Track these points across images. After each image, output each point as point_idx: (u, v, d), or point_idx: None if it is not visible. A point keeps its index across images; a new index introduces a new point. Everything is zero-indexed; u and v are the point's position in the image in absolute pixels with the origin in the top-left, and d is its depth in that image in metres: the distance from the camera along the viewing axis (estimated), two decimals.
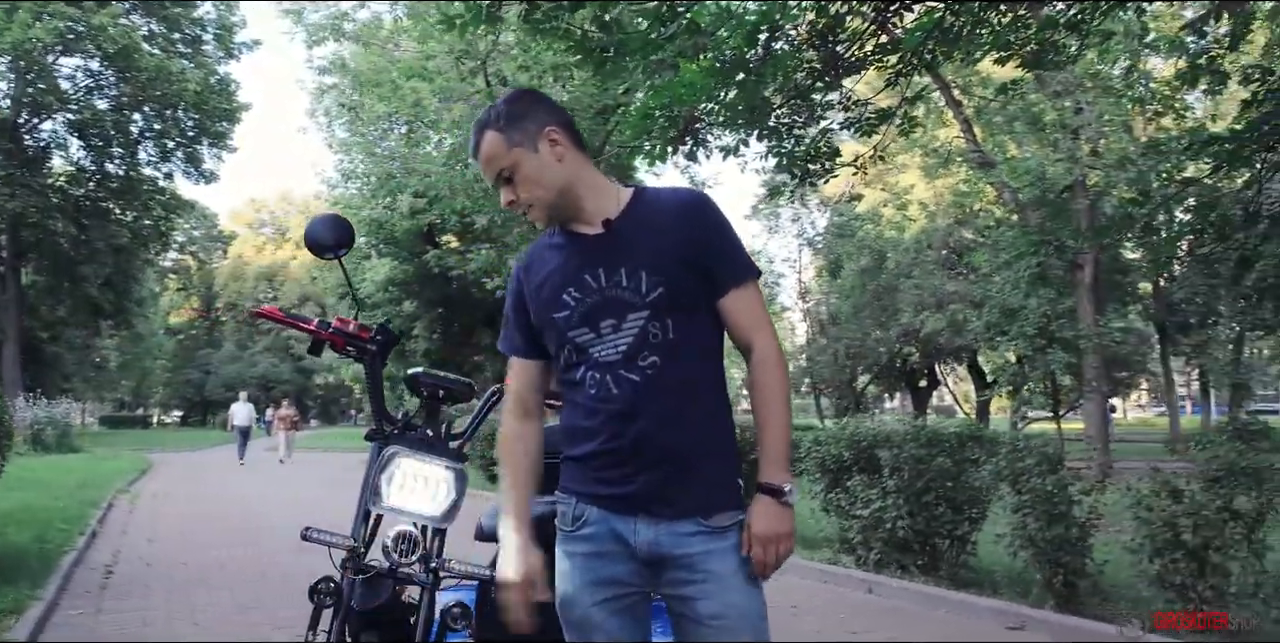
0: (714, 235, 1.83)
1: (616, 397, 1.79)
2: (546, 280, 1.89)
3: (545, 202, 1.83)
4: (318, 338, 2.22)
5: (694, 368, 1.81)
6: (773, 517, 1.75)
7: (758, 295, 1.88)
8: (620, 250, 1.81)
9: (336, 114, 18.30)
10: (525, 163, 1.81)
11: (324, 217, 2.27)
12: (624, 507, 1.81)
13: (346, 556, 2.08)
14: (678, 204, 1.86)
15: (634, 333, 1.79)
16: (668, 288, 1.77)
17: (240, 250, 61.29)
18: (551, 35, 4.95)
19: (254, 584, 6.40)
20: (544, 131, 1.83)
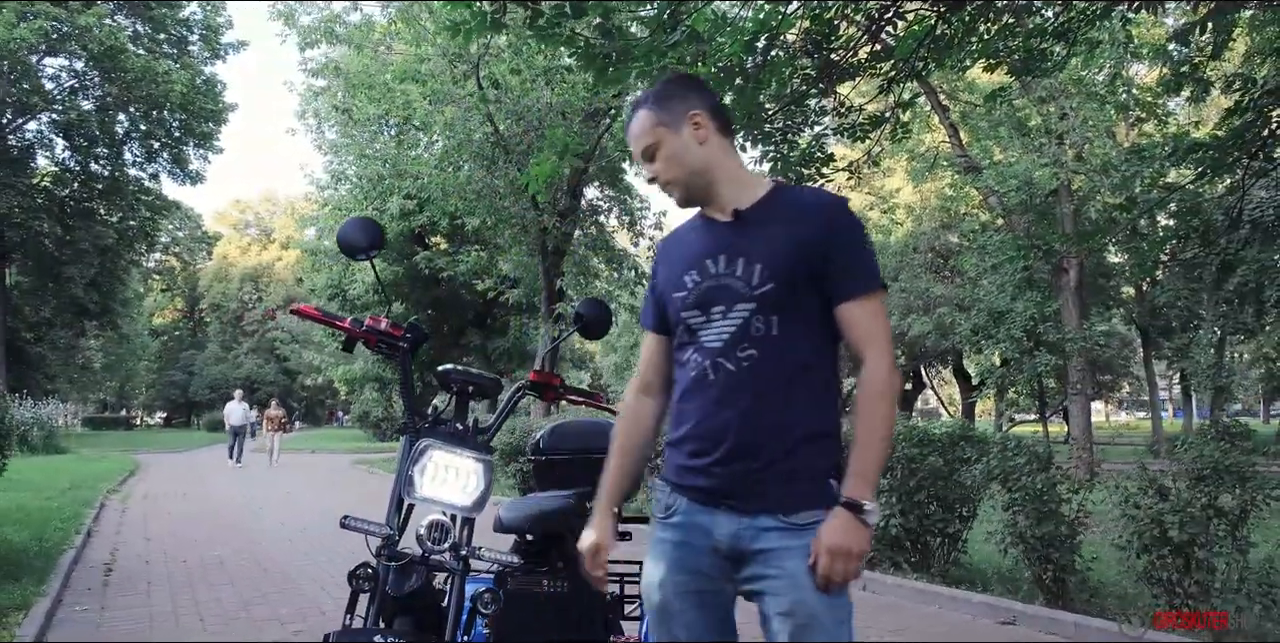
0: (840, 241, 1.83)
1: (713, 383, 1.84)
2: (676, 261, 1.96)
3: (680, 181, 1.90)
4: (352, 335, 2.31)
5: (792, 367, 1.81)
6: (846, 531, 1.73)
7: (878, 309, 1.85)
8: (743, 240, 1.86)
9: (327, 116, 18.32)
10: (667, 142, 1.88)
11: (356, 219, 2.36)
12: (708, 499, 1.84)
13: (382, 543, 2.17)
14: (812, 204, 1.88)
15: (738, 323, 1.82)
16: (778, 284, 1.80)
17: (225, 251, 60.97)
18: (555, 41, 5.04)
19: (255, 580, 6.46)
20: (689, 114, 1.88)
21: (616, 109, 14.21)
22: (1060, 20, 6.90)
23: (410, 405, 2.33)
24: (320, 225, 21.49)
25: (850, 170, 7.00)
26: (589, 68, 5.05)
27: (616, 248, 17.12)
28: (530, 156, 13.88)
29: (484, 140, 14.16)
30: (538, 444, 3.32)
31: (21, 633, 4.59)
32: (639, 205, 16.63)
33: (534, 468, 3.32)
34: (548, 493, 3.04)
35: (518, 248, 15.80)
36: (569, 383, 2.75)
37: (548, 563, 2.87)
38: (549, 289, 15.73)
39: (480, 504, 2.21)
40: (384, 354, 2.35)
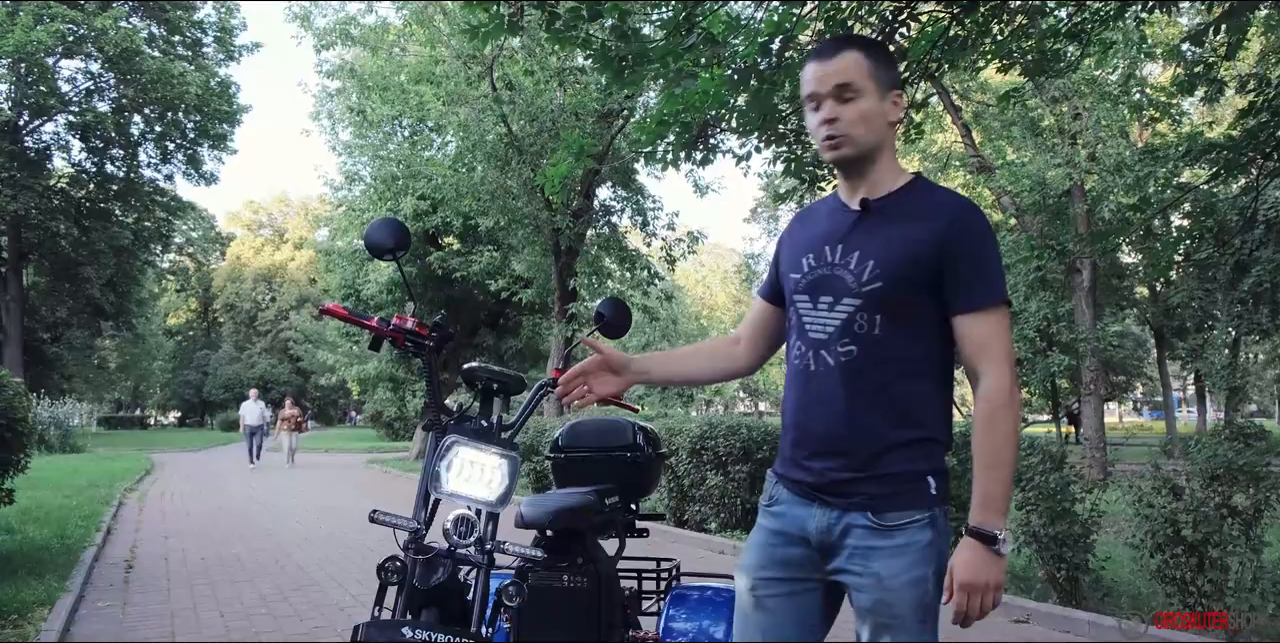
0: (963, 249, 1.75)
1: (813, 375, 1.82)
2: (800, 240, 1.94)
3: (858, 141, 1.79)
4: (379, 334, 2.36)
5: (893, 368, 1.76)
6: (981, 565, 1.67)
7: (999, 325, 1.75)
8: (863, 233, 1.81)
9: (341, 117, 18.42)
10: (870, 98, 1.78)
11: (382, 221, 2.41)
12: (804, 491, 1.83)
13: (409, 537, 2.21)
14: (939, 205, 1.80)
15: (843, 317, 1.79)
16: (886, 283, 1.75)
17: (238, 252, 61.28)
18: (571, 44, 5.09)
19: (273, 577, 6.53)
20: (895, 91, 1.83)
21: (629, 110, 14.25)
22: (1074, 21, 6.92)
23: (437, 402, 2.37)
24: (334, 226, 21.59)
25: None
26: (605, 70, 5.10)
27: (629, 248, 17.15)
28: (543, 157, 13.98)
29: (497, 141, 14.23)
30: (556, 442, 3.38)
31: (46, 628, 4.66)
32: (651, 206, 16.67)
33: (553, 466, 3.38)
34: (567, 490, 3.08)
35: (531, 248, 15.86)
36: None
37: (568, 558, 2.90)
38: (561, 289, 15.79)
39: (505, 500, 2.25)
40: (411, 353, 2.40)
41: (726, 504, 8.26)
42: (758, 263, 32.66)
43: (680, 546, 7.91)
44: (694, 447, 8.41)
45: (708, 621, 2.99)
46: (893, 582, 1.71)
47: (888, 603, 1.72)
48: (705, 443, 8.35)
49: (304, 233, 57.22)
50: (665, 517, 3.67)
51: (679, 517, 8.67)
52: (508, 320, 22.07)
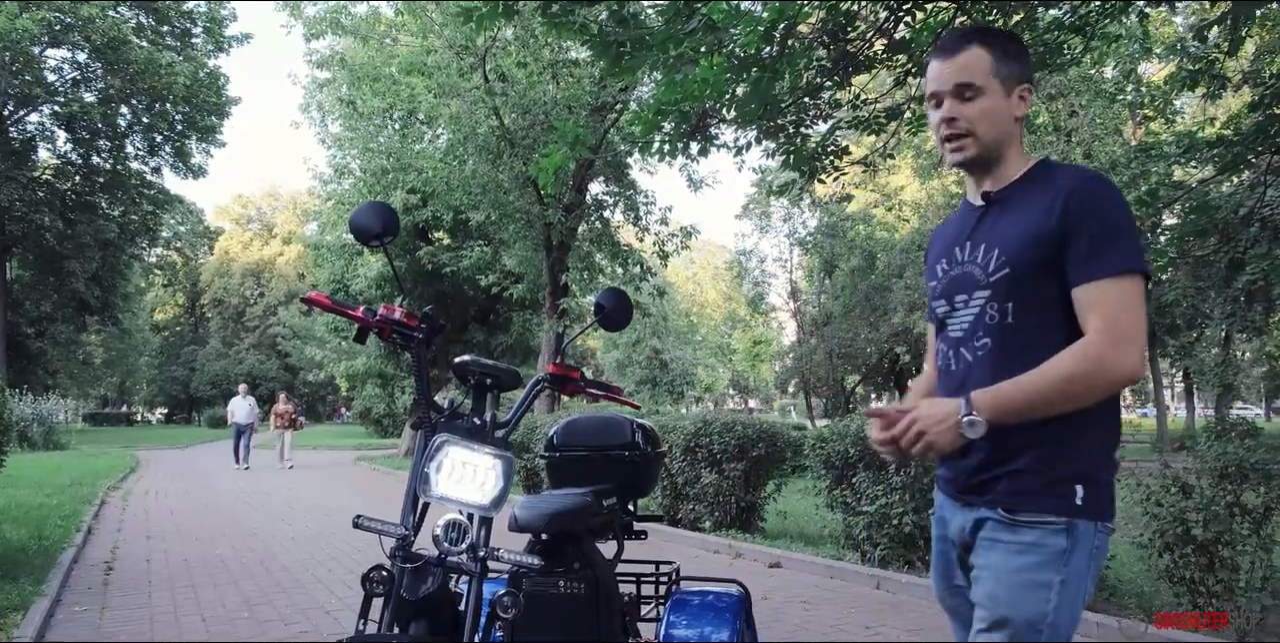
0: (1081, 219, 1.65)
1: (954, 373, 1.79)
2: (935, 250, 1.93)
3: (982, 142, 1.76)
4: (365, 325, 2.21)
5: (1030, 358, 1.65)
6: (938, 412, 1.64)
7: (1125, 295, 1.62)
8: (989, 225, 1.79)
9: (331, 108, 18.20)
10: (993, 95, 1.75)
11: (369, 204, 2.26)
12: (950, 490, 1.82)
13: (396, 544, 2.06)
14: (1062, 182, 1.71)
15: (975, 312, 1.76)
16: (1013, 269, 1.70)
17: (226, 246, 60.93)
18: (567, 29, 4.94)
19: (257, 580, 6.37)
20: (1022, 85, 1.78)
21: (623, 103, 14.09)
22: (1078, 13, 6.80)
23: (426, 398, 2.22)
24: (323, 220, 21.36)
25: (865, 164, 6.90)
26: (602, 56, 4.95)
27: (621, 243, 17.00)
28: (535, 151, 13.81)
29: (489, 134, 14.04)
30: (551, 440, 3.24)
31: (20, 634, 4.50)
32: (644, 200, 16.51)
33: (547, 465, 3.24)
34: (563, 491, 2.95)
35: (522, 243, 15.69)
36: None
37: (564, 563, 2.77)
38: (553, 285, 15.63)
39: (499, 503, 2.11)
40: (398, 345, 2.25)
41: (721, 503, 8.12)
42: (749, 260, 32.50)
43: (674, 545, 7.77)
44: (688, 444, 8.27)
45: (710, 627, 2.88)
46: (1008, 578, 1.64)
47: (996, 599, 1.65)
48: (700, 441, 8.22)
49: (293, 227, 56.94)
50: (664, 518, 3.53)
51: (673, 515, 8.53)
52: (498, 316, 21.90)
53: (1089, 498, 1.66)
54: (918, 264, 21.67)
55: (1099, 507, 1.68)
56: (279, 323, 52.02)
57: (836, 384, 25.85)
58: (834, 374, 24.87)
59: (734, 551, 7.39)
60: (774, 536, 8.09)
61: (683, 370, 40.70)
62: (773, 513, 8.67)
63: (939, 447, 1.64)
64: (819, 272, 25.76)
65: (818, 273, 25.93)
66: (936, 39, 6.11)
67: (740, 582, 3.08)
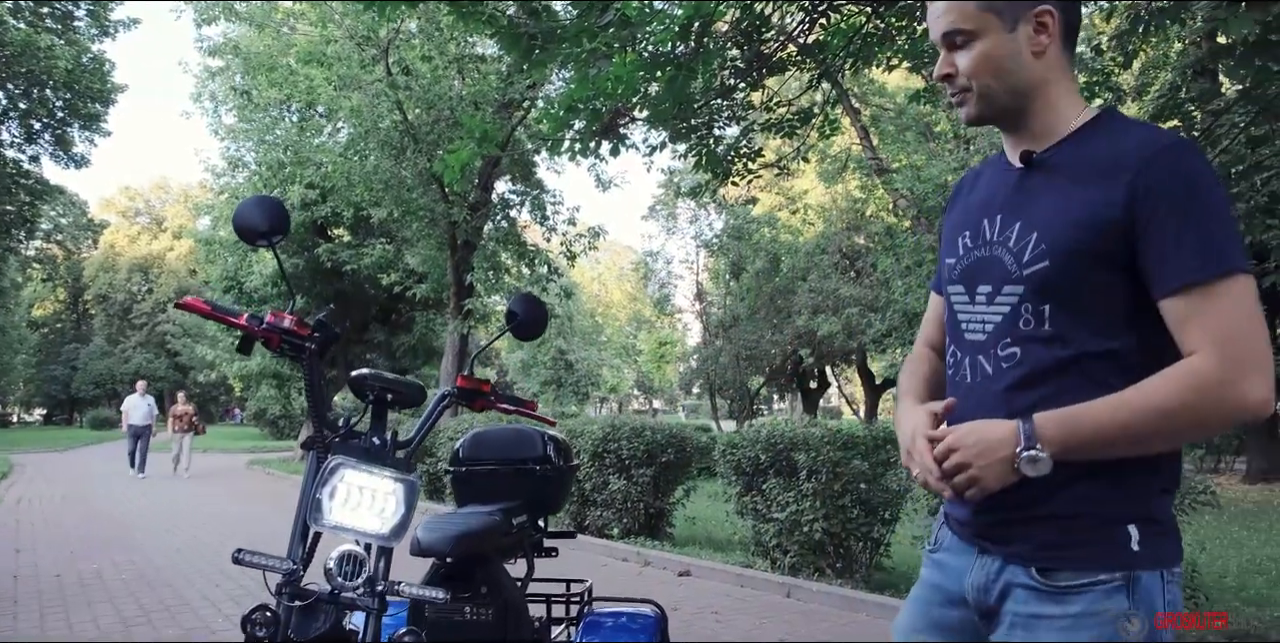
0: (1173, 202, 1.25)
1: (970, 388, 1.41)
2: (957, 211, 1.53)
3: (989, 95, 1.39)
4: (250, 334, 1.99)
5: (1072, 378, 1.31)
6: (991, 436, 1.27)
7: (1239, 302, 1.23)
8: (1025, 197, 1.38)
9: (224, 99, 17.46)
10: (991, 37, 1.36)
11: (255, 199, 2.03)
12: (964, 534, 1.44)
13: (282, 580, 1.85)
14: (1135, 147, 1.29)
15: (1004, 311, 1.37)
16: (1054, 262, 1.31)
17: (112, 240, 58.27)
18: (476, 20, 4.73)
19: (138, 596, 5.96)
20: (1036, 9, 1.36)
21: (531, 100, 13.85)
22: None
23: (319, 415, 2.01)
24: (215, 214, 20.50)
25: (778, 166, 6.85)
26: (512, 49, 4.76)
27: (528, 243, 16.75)
28: (440, 147, 13.47)
29: (392, 128, 13.64)
30: (457, 454, 3.05)
31: None
32: (552, 200, 16.29)
33: (453, 479, 3.05)
34: (469, 509, 2.76)
35: (425, 242, 15.30)
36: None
37: (470, 589, 2.58)
38: (457, 285, 15.28)
39: (400, 532, 1.92)
40: (288, 356, 2.03)
41: (629, 509, 7.99)
42: (655, 261, 32.51)
43: (582, 554, 7.60)
44: (596, 450, 8.11)
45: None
46: None
47: None
48: (608, 446, 8.07)
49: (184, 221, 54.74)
50: (575, 534, 3.36)
51: (580, 522, 8.36)
52: (400, 316, 21.38)
53: (1146, 541, 1.30)
54: (821, 268, 21.99)
55: (1161, 551, 1.32)
56: (168, 320, 50.01)
57: (741, 386, 26.03)
58: (739, 376, 25.02)
59: (643, 559, 7.26)
60: (683, 542, 7.99)
61: (588, 371, 40.56)
62: (681, 519, 8.57)
63: (986, 485, 1.27)
64: (725, 274, 25.90)
65: (724, 275, 26.07)
66: (849, 43, 6.11)
67: (655, 602, 2.95)
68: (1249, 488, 14.43)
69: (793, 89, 7.47)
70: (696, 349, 30.80)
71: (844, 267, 23.69)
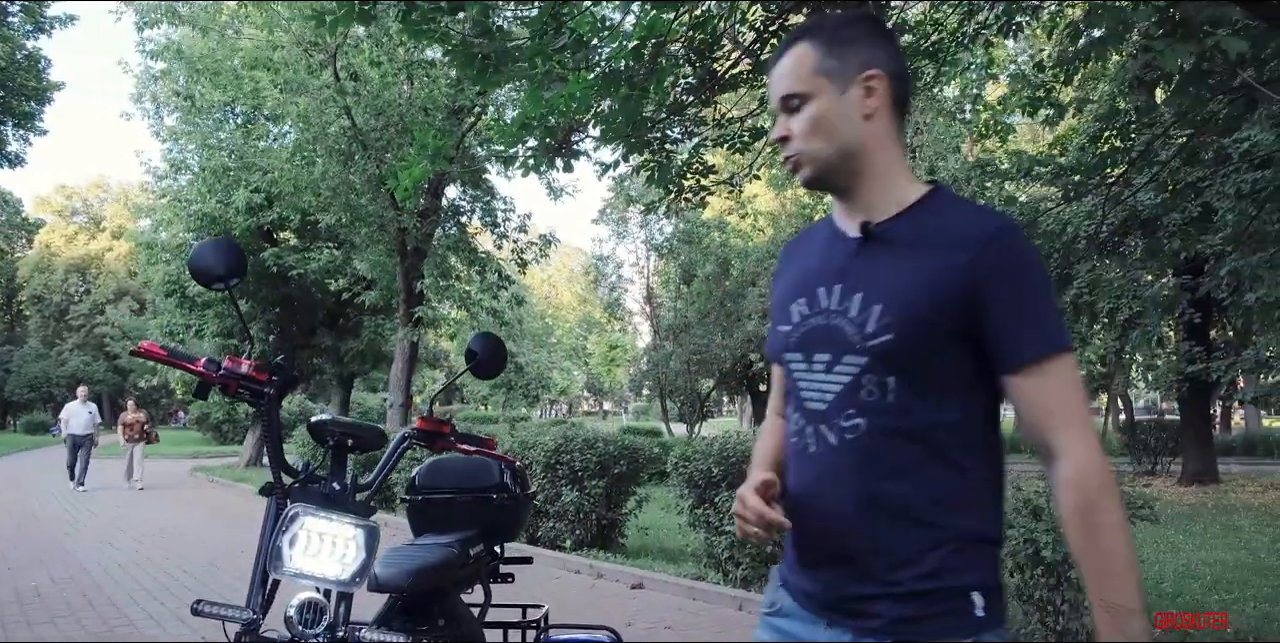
0: (1004, 279, 1.32)
1: (812, 457, 1.42)
2: (788, 281, 1.54)
3: (820, 158, 1.42)
4: (206, 380, 1.98)
5: (917, 450, 1.34)
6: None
7: (1069, 377, 1.32)
8: (866, 267, 1.40)
9: (166, 101, 17.11)
10: (823, 100, 1.40)
11: (212, 241, 2.04)
12: (810, 605, 1.44)
13: (241, 628, 1.85)
14: (966, 225, 1.36)
15: (845, 381, 1.38)
16: (899, 335, 1.33)
17: (48, 240, 56.74)
18: (429, 37, 4.72)
19: (79, 615, 5.85)
20: (866, 73, 1.40)
21: (481, 107, 13.79)
22: (931, 40, 7.04)
23: (278, 461, 2.02)
24: (157, 217, 20.06)
25: (729, 183, 6.91)
26: (465, 68, 4.74)
27: (479, 250, 16.65)
28: (389, 152, 13.35)
29: (340, 134, 13.48)
30: (413, 482, 3.05)
31: None
32: (503, 207, 16.23)
33: (409, 509, 3.05)
34: (427, 541, 2.77)
35: (374, 248, 15.14)
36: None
37: (428, 622, 2.59)
38: (407, 292, 15.15)
39: (360, 577, 1.93)
40: (246, 401, 2.03)
41: (582, 521, 8.00)
42: (605, 264, 32.50)
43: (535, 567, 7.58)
44: (549, 461, 8.11)
45: None
46: None
47: None
48: (560, 457, 8.07)
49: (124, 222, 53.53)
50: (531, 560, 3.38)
51: (532, 534, 8.35)
52: (348, 321, 21.13)
53: (990, 607, 1.34)
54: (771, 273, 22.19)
55: (1000, 613, 1.36)
56: (107, 322, 48.85)
57: (692, 390, 26.15)
58: (690, 380, 25.14)
59: (595, 571, 7.27)
60: (635, 553, 8.02)
61: (538, 374, 40.46)
62: (634, 529, 8.61)
63: None
64: (676, 278, 26.01)
65: (674, 279, 26.18)
66: None
67: (611, 628, 2.98)
68: (1184, 490, 14.83)
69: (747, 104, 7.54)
70: (646, 352, 30.90)
71: None
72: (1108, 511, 1.28)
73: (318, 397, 33.04)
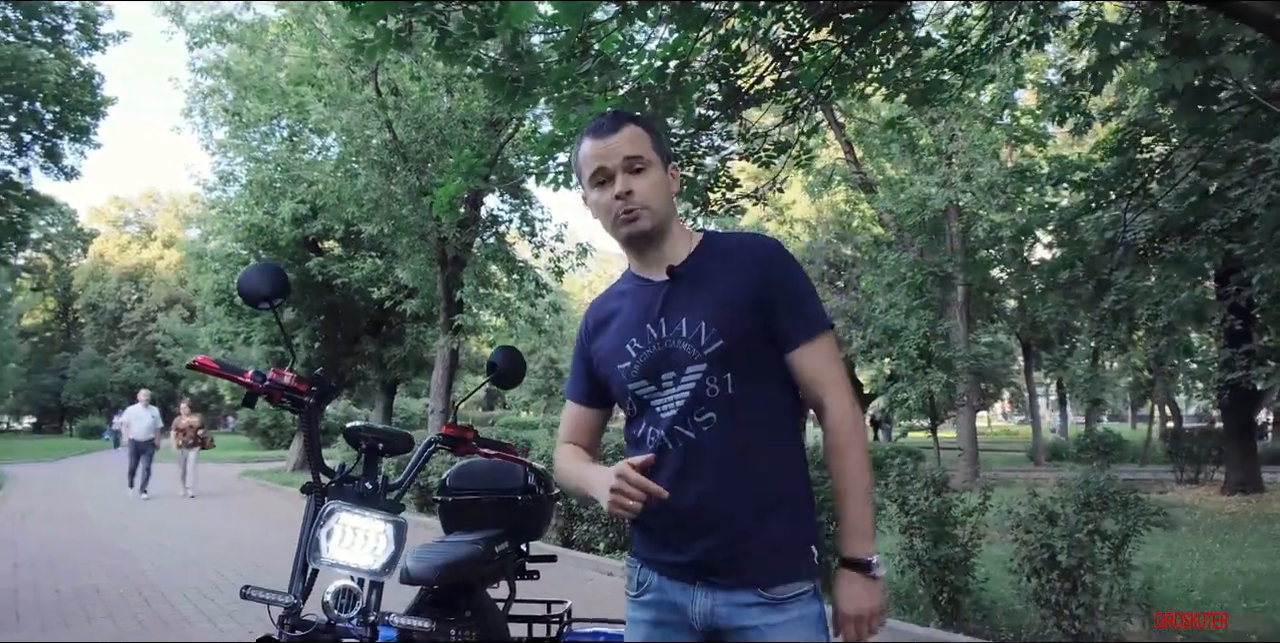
0: (781, 285, 1.73)
1: (672, 454, 1.71)
2: (612, 330, 1.85)
3: (657, 214, 1.77)
4: (253, 390, 2.20)
5: (756, 427, 1.70)
6: (861, 593, 1.68)
7: (830, 350, 1.76)
8: (682, 299, 1.75)
9: (215, 115, 17.63)
10: (656, 171, 1.78)
11: (258, 267, 2.25)
12: (682, 575, 1.74)
13: (284, 612, 2.06)
14: (745, 251, 1.78)
15: (691, 387, 1.70)
16: (727, 340, 1.69)
17: (102, 249, 58.19)
18: (461, 62, 4.95)
19: (136, 611, 6.15)
20: (675, 166, 1.88)
21: (518, 119, 14.07)
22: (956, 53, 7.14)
23: (317, 464, 2.23)
24: (207, 228, 20.63)
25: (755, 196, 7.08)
26: (495, 90, 4.97)
27: (517, 258, 16.93)
28: (430, 163, 13.66)
29: (382, 147, 13.83)
30: (444, 483, 3.24)
31: None
32: (541, 217, 16.50)
33: (440, 509, 3.24)
34: (455, 538, 2.96)
35: (415, 257, 15.48)
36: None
37: (455, 613, 2.78)
38: (447, 300, 15.46)
39: (390, 567, 2.13)
40: (288, 410, 2.25)
41: (615, 524, 8.19)
42: None
43: (569, 569, 7.80)
44: None
45: None
46: None
47: None
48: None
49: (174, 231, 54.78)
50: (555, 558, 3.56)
51: (567, 537, 8.56)
52: (391, 328, 21.53)
53: (820, 557, 1.75)
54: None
55: (822, 562, 1.77)
56: (158, 330, 49.97)
57: None
58: None
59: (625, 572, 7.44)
60: None
61: None
62: None
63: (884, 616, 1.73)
64: None
65: None
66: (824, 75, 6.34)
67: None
68: (1226, 499, 14.64)
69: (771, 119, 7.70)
70: None
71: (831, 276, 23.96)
72: (855, 446, 1.72)
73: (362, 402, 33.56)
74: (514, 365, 2.58)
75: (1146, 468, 20.24)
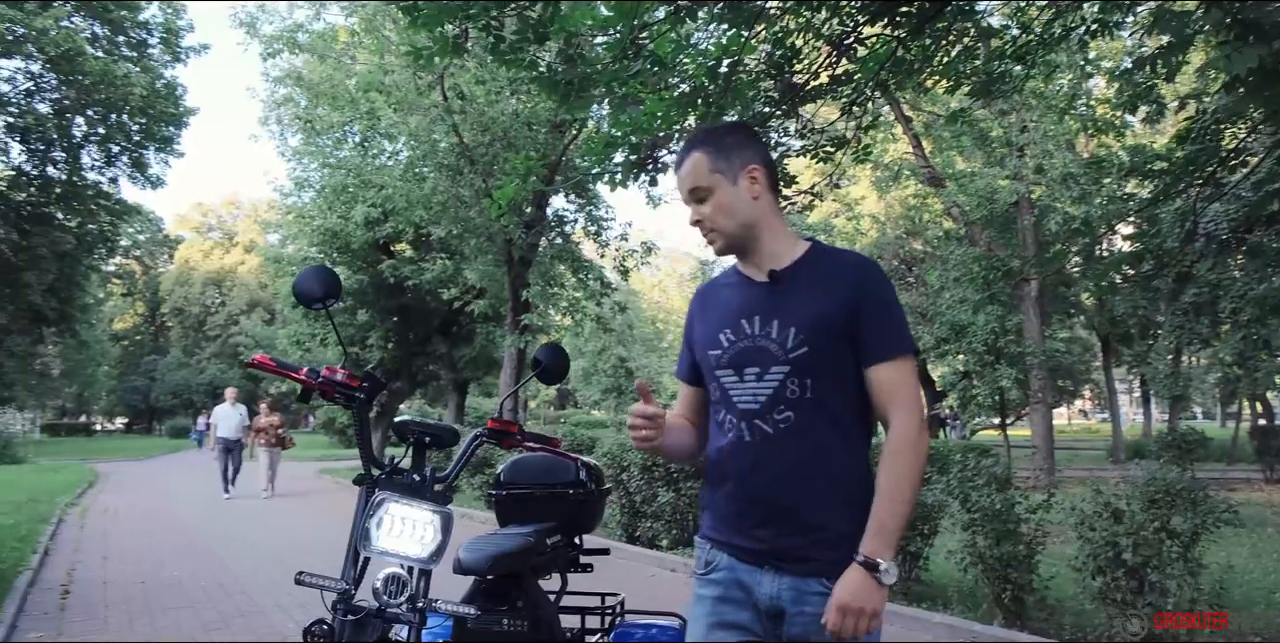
0: (872, 304, 1.84)
1: (749, 446, 1.85)
2: (712, 317, 1.98)
3: (728, 232, 1.91)
4: (308, 386, 2.31)
5: (830, 431, 1.83)
6: (860, 589, 1.74)
7: (908, 373, 1.84)
8: (779, 302, 1.88)
9: (290, 123, 18.16)
10: (721, 190, 1.90)
11: (312, 269, 2.35)
12: (751, 558, 1.86)
13: (337, 597, 2.16)
14: (846, 268, 1.88)
15: (774, 386, 1.84)
16: (812, 347, 1.81)
17: (186, 255, 60.24)
18: (517, 66, 5.04)
19: (216, 602, 6.39)
20: (748, 168, 1.91)
21: (581, 120, 14.20)
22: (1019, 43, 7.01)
23: (368, 456, 2.33)
24: (284, 232, 21.25)
25: (813, 193, 7.06)
26: (550, 93, 5.05)
27: (583, 258, 17.09)
28: (496, 166, 13.87)
29: (449, 150, 14.09)
30: (498, 478, 3.32)
31: None
32: (606, 216, 16.64)
33: (494, 502, 3.32)
34: (507, 530, 3.04)
35: (483, 258, 15.73)
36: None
37: (508, 603, 2.86)
38: (515, 300, 15.68)
39: (437, 556, 2.21)
40: (341, 405, 2.35)
41: (678, 521, 8.24)
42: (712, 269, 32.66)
43: (633, 564, 7.88)
44: (646, 463, 8.39)
45: None
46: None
47: None
48: (657, 460, 8.33)
49: (254, 236, 56.42)
50: (608, 551, 3.63)
51: (631, 533, 8.63)
52: (461, 328, 21.90)
53: None
54: None
55: None
56: (241, 332, 51.51)
57: None
58: None
59: (689, 568, 7.50)
60: None
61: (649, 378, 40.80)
62: None
63: (878, 619, 1.77)
64: None
65: None
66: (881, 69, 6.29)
67: (681, 615, 3.19)
68: None
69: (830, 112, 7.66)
70: None
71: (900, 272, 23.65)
72: (908, 461, 1.78)
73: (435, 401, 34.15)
74: (558, 362, 2.65)
75: (1235, 467, 19.58)
